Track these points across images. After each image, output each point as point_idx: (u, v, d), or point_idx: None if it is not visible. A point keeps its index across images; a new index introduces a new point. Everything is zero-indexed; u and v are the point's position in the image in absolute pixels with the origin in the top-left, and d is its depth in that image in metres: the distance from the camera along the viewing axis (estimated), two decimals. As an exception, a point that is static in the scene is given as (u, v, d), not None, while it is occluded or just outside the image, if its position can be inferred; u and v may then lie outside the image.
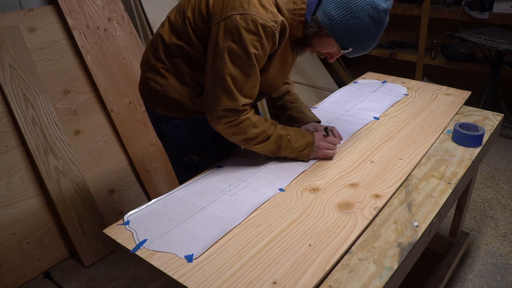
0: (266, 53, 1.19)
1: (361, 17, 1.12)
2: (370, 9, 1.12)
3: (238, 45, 1.14)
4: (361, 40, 1.17)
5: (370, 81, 2.08)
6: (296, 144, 1.34)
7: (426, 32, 3.53)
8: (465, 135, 1.46)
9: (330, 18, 1.14)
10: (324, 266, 0.95)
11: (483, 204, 2.43)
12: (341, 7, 1.13)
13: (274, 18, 1.13)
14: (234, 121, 1.24)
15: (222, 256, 1.00)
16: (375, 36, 1.18)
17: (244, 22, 1.11)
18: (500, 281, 1.90)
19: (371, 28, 1.14)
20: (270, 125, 1.31)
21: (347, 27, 1.14)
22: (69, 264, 2.11)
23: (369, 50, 1.23)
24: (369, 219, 1.11)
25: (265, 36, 1.14)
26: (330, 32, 1.16)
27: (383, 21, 1.16)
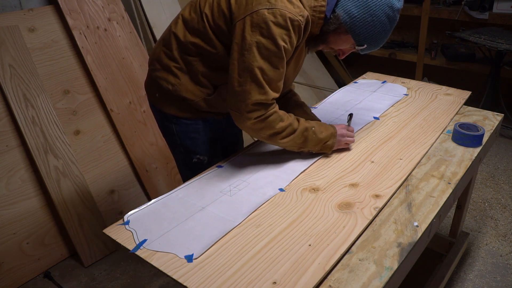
0: (293, 47, 1.21)
1: (379, 15, 1.19)
2: (387, 8, 1.20)
3: (267, 38, 1.15)
4: (376, 37, 1.24)
5: (370, 81, 2.08)
6: (321, 135, 1.36)
7: (426, 32, 3.53)
8: (465, 135, 1.46)
9: (350, 15, 1.20)
10: (324, 266, 0.95)
11: (483, 204, 2.43)
12: (360, 6, 1.19)
13: (301, 13, 1.17)
14: (263, 115, 1.24)
15: (222, 256, 1.00)
16: (388, 33, 1.26)
17: (272, 16, 1.14)
18: (500, 281, 1.90)
19: (386, 25, 1.22)
20: (294, 119, 1.33)
21: (365, 24, 1.20)
22: (69, 264, 2.11)
23: (378, 47, 1.30)
24: (369, 219, 1.11)
25: (293, 30, 1.17)
26: (350, 29, 1.22)
27: (396, 19, 1.24)
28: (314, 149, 1.38)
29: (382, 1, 1.19)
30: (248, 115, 1.23)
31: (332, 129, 1.39)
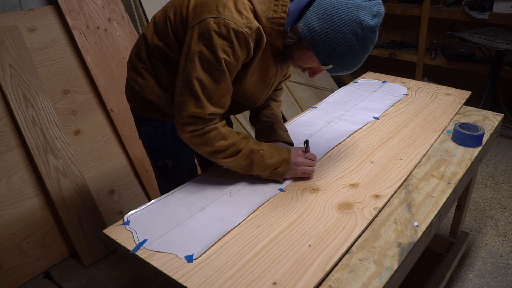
0: (239, 61, 1.12)
1: (343, 32, 1.03)
2: (354, 25, 1.03)
3: (208, 49, 1.09)
4: (342, 57, 1.08)
5: (370, 81, 2.08)
6: (269, 160, 1.24)
7: (426, 32, 3.53)
8: (465, 135, 1.46)
9: (310, 29, 1.06)
10: (324, 267, 0.95)
11: (483, 204, 2.43)
12: (323, 19, 1.05)
13: (248, 24, 1.07)
14: (200, 130, 1.17)
15: (222, 256, 1.00)
16: (359, 55, 1.09)
17: (216, 26, 1.07)
18: (500, 281, 1.90)
19: (354, 45, 1.05)
20: (242, 138, 1.23)
21: (327, 40, 1.05)
22: (69, 264, 2.11)
23: (353, 70, 1.14)
24: (369, 220, 1.11)
25: (238, 42, 1.08)
26: (310, 44, 1.08)
27: (369, 39, 1.06)
28: (263, 174, 1.26)
29: (349, 16, 1.03)
30: (183, 128, 1.17)
31: (285, 154, 1.26)
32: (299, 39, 1.09)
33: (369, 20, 1.04)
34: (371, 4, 1.05)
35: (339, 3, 1.04)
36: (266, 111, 1.47)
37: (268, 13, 1.10)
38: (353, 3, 1.04)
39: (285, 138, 1.41)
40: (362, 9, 1.03)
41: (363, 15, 1.03)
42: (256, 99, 1.35)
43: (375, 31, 1.07)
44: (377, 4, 1.06)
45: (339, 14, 1.03)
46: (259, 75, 1.26)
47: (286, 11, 1.10)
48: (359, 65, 1.13)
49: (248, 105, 1.39)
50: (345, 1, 1.04)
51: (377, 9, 1.05)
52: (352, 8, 1.03)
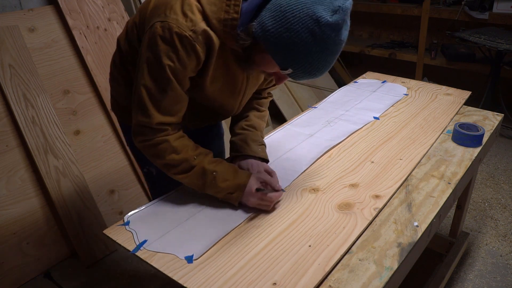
0: (186, 67, 1.03)
1: (298, 31, 0.91)
2: (310, 22, 0.90)
3: (154, 55, 1.02)
4: (300, 60, 0.96)
5: (370, 80, 2.08)
6: (222, 184, 1.13)
7: (426, 32, 3.53)
8: (465, 135, 1.46)
9: (264, 29, 0.95)
10: (324, 267, 0.95)
11: (483, 204, 2.43)
12: (277, 17, 0.93)
13: (193, 27, 0.99)
14: (149, 141, 1.10)
15: (222, 257, 1.00)
16: (320, 57, 0.96)
17: (161, 30, 1.00)
18: (500, 281, 1.90)
19: (311, 46, 0.93)
20: (198, 155, 1.14)
21: (282, 41, 0.94)
22: (69, 264, 2.11)
23: (317, 75, 1.01)
24: (369, 220, 1.11)
25: (182, 47, 1.00)
26: (265, 46, 0.97)
27: (329, 38, 0.93)
28: (218, 196, 1.16)
29: (304, 12, 0.90)
30: (134, 137, 1.12)
31: (243, 179, 1.14)
32: (254, 40, 0.99)
33: (327, 16, 0.90)
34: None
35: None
36: (243, 122, 1.35)
37: (220, 15, 1.01)
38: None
39: (259, 153, 1.28)
40: (320, 4, 0.91)
41: (321, 11, 0.90)
42: (228, 108, 1.27)
43: (337, 29, 0.93)
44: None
45: (293, 10, 0.91)
46: (225, 83, 1.17)
47: (238, 11, 1.00)
48: (325, 70, 1.00)
49: (223, 114, 1.31)
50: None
51: (339, 3, 0.91)
52: (309, 3, 0.91)
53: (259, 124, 1.37)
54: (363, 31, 4.37)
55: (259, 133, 1.35)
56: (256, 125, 1.36)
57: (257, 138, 1.33)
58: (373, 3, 3.76)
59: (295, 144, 1.50)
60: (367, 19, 4.26)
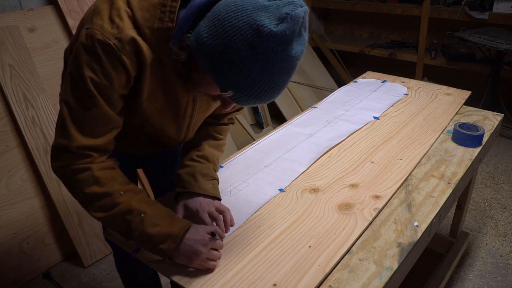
0: (112, 81, 0.88)
1: (235, 43, 0.75)
2: (250, 32, 0.74)
3: (76, 66, 0.88)
4: (239, 80, 0.79)
5: (370, 80, 2.08)
6: (151, 229, 0.92)
7: (426, 32, 3.53)
8: (465, 135, 1.46)
9: (199, 41, 0.79)
10: (324, 268, 0.95)
11: (483, 204, 2.43)
12: (213, 27, 0.78)
13: (118, 35, 0.85)
14: (67, 168, 0.92)
15: (222, 258, 1.00)
16: (263, 77, 0.78)
17: (84, 37, 0.86)
18: (500, 281, 1.90)
19: (251, 62, 0.76)
20: (127, 191, 0.95)
21: (217, 56, 0.78)
22: (69, 264, 2.11)
23: (265, 100, 0.83)
24: (369, 220, 1.11)
25: (106, 56, 0.85)
26: (201, 61, 0.81)
27: (274, 53, 0.76)
28: (145, 247, 0.96)
29: (243, 21, 0.75)
30: (51, 162, 0.94)
31: (177, 228, 0.93)
32: (190, 55, 0.83)
33: (271, 25, 0.74)
34: (279, 3, 0.76)
35: (237, 5, 0.76)
36: (194, 152, 1.16)
37: (153, 23, 0.86)
38: (254, 3, 0.76)
39: (208, 191, 1.08)
40: (264, 11, 0.75)
41: (264, 19, 0.74)
42: (172, 134, 1.11)
43: (284, 42, 0.75)
44: (290, 4, 0.76)
45: (231, 19, 0.75)
46: (165, 104, 1.00)
47: (174, 19, 0.85)
48: (275, 93, 0.82)
49: (168, 141, 1.14)
50: (247, 1, 0.76)
51: (288, 10, 0.75)
52: (250, 9, 0.75)
53: (212, 156, 1.17)
54: (363, 31, 4.37)
55: (211, 166, 1.15)
56: (209, 156, 1.16)
57: (208, 171, 1.13)
58: (373, 3, 3.76)
59: (295, 144, 1.50)
60: (367, 19, 4.26)
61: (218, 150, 1.21)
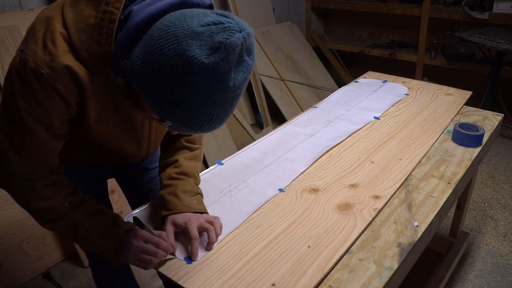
0: (48, 110, 0.84)
1: (166, 74, 0.71)
2: (179, 63, 0.70)
3: (10, 92, 0.85)
4: (174, 112, 0.75)
5: (370, 80, 2.08)
6: (95, 239, 0.96)
7: (426, 32, 3.53)
8: (465, 135, 1.46)
9: (133, 67, 0.75)
10: (323, 268, 0.95)
11: (483, 204, 2.43)
12: (146, 53, 0.73)
13: (50, 63, 0.79)
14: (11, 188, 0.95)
15: (221, 257, 1.00)
16: (198, 110, 0.74)
17: (18, 62, 0.82)
18: (500, 281, 1.90)
19: (182, 94, 0.72)
20: (71, 202, 0.96)
21: (150, 85, 0.74)
22: (69, 264, 2.11)
23: (206, 130, 0.80)
24: (369, 220, 1.11)
25: (40, 86, 0.81)
26: (135, 85, 0.77)
27: (207, 86, 0.72)
28: (95, 251, 0.99)
29: (174, 49, 0.70)
30: None
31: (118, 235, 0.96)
32: (127, 81, 0.79)
33: (202, 56, 0.69)
34: (214, 29, 0.70)
35: (169, 30, 0.71)
36: (172, 169, 1.12)
37: (90, 45, 0.81)
38: (187, 29, 0.70)
39: (193, 208, 1.06)
40: (195, 39, 0.69)
41: (194, 48, 0.69)
42: (132, 152, 1.10)
43: (218, 73, 0.71)
44: (225, 30, 0.70)
45: (163, 46, 0.70)
46: (118, 124, 0.98)
47: (111, 42, 0.80)
48: (216, 124, 0.79)
49: (129, 157, 1.13)
50: (180, 26, 0.71)
51: (220, 38, 0.69)
52: (181, 37, 0.70)
53: (191, 169, 1.13)
54: (363, 31, 4.37)
55: (192, 181, 1.11)
56: (188, 171, 1.12)
57: (190, 187, 1.10)
58: (373, 3, 3.76)
59: (295, 144, 1.50)
60: (367, 19, 4.26)
61: (195, 160, 1.17)
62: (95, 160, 1.15)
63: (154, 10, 0.77)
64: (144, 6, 0.78)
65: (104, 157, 1.12)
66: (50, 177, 0.95)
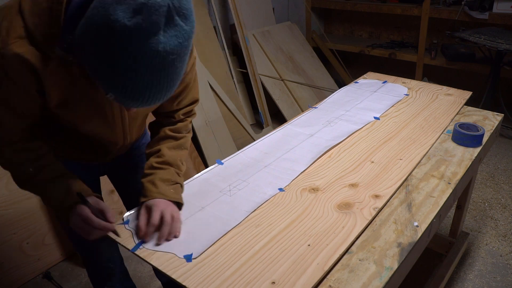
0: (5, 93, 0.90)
1: (94, 42, 0.72)
2: (105, 29, 0.70)
3: None
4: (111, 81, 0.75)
5: (371, 81, 2.08)
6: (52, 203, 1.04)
7: (426, 32, 3.53)
8: (465, 135, 1.46)
9: (75, 41, 0.77)
10: (323, 267, 0.95)
11: (483, 204, 2.43)
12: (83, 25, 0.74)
13: (2, 50, 0.83)
14: None
15: (221, 256, 1.00)
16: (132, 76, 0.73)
17: None
18: (500, 281, 1.90)
19: (112, 60, 0.72)
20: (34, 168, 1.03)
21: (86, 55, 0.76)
22: (69, 264, 2.11)
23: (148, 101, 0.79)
24: (369, 220, 1.11)
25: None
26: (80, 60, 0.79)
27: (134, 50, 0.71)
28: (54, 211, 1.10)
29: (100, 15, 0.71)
30: None
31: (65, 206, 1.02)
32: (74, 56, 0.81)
33: (124, 18, 0.69)
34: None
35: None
36: (154, 159, 1.15)
37: (44, 28, 0.83)
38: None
39: (168, 196, 1.09)
40: (121, 3, 0.69)
41: (118, 12, 0.69)
42: (108, 137, 1.12)
43: (142, 36, 0.70)
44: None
45: (93, 16, 0.72)
46: (86, 107, 0.99)
47: (60, 22, 0.82)
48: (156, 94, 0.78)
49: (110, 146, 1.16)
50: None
51: (143, 0, 0.69)
52: (108, 3, 0.70)
53: (174, 158, 1.15)
54: (363, 31, 4.37)
55: (173, 170, 1.13)
56: (170, 160, 1.14)
57: (170, 176, 1.12)
58: (373, 3, 3.77)
59: (295, 144, 1.50)
60: (367, 19, 4.26)
61: (180, 149, 1.18)
62: (81, 154, 1.17)
63: None
64: None
65: (88, 148, 1.14)
66: (18, 145, 1.01)
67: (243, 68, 3.27)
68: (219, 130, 2.83)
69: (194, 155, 2.63)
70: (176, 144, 1.18)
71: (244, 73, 3.29)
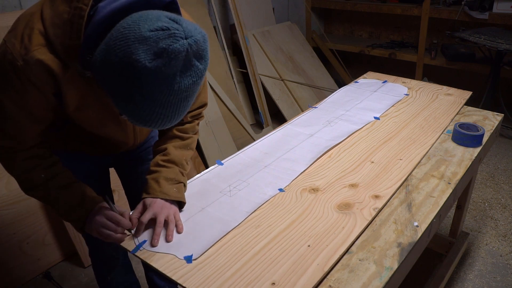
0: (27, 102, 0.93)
1: (115, 73, 0.78)
2: (126, 66, 0.76)
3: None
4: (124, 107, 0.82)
5: (371, 80, 2.08)
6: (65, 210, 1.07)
7: (426, 32, 3.53)
8: (465, 135, 1.46)
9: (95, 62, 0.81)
10: (323, 267, 0.95)
11: (483, 204, 2.43)
12: (105, 51, 0.79)
13: (25, 56, 0.86)
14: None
15: (221, 256, 1.00)
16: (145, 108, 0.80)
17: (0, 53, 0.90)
18: (500, 281, 1.90)
19: (130, 92, 0.79)
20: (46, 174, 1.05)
21: (105, 80, 0.81)
22: (69, 264, 2.11)
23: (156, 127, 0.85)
24: (369, 220, 1.11)
25: (16, 78, 0.89)
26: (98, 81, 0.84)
27: (153, 88, 0.77)
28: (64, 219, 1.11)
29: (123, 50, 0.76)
30: None
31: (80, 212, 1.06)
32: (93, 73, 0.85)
33: (146, 60, 0.75)
34: (160, 35, 0.75)
35: (124, 32, 0.77)
36: (160, 157, 1.17)
37: (64, 39, 0.87)
38: (137, 33, 0.76)
39: (170, 195, 1.11)
40: (142, 43, 0.75)
41: (139, 52, 0.75)
42: (120, 138, 1.16)
43: (161, 77, 0.76)
44: (170, 37, 0.75)
45: (116, 47, 0.77)
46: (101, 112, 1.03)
47: (80, 36, 0.85)
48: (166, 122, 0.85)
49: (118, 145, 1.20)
50: (132, 30, 0.76)
51: (164, 45, 0.75)
52: (131, 40, 0.75)
53: (179, 158, 1.18)
54: (363, 31, 4.37)
55: (177, 169, 1.16)
56: (175, 159, 1.16)
57: (174, 175, 1.14)
58: (373, 3, 3.76)
59: (295, 144, 1.50)
60: (367, 19, 4.26)
61: (186, 149, 1.21)
62: (93, 149, 1.20)
63: (117, 6, 0.83)
64: (109, 2, 0.84)
65: (99, 145, 1.17)
66: (30, 151, 1.03)
67: (243, 68, 3.27)
68: (219, 130, 2.83)
69: (194, 155, 2.63)
70: (183, 144, 1.21)
71: (244, 73, 3.29)
